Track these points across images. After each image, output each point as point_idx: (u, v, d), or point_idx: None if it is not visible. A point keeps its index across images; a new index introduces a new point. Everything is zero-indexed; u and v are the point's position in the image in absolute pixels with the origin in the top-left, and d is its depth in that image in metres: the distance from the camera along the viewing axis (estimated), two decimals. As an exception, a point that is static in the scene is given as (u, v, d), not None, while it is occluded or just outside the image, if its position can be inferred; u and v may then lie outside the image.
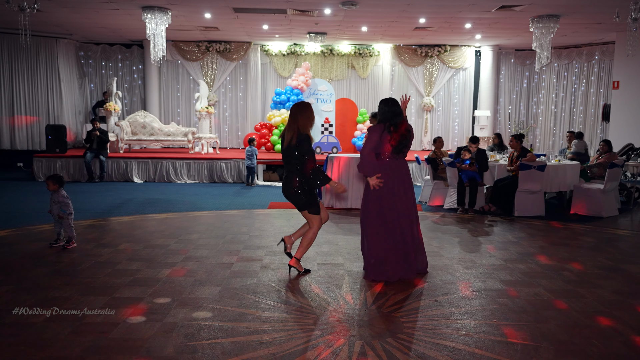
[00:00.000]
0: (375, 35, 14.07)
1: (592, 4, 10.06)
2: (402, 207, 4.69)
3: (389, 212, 4.66)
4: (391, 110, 4.65)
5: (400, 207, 4.69)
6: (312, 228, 4.78)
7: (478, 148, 8.36)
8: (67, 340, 3.34)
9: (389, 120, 4.64)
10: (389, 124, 4.63)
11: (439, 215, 8.12)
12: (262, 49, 15.55)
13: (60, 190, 5.65)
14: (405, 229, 4.70)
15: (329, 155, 8.79)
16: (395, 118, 4.64)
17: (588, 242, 6.43)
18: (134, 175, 11.69)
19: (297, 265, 4.87)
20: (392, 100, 4.72)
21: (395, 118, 4.64)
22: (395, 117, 4.64)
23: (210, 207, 8.53)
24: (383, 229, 4.66)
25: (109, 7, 10.81)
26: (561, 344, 3.40)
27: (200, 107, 13.37)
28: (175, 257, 5.35)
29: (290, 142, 4.59)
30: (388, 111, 4.65)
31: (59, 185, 5.65)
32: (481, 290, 4.48)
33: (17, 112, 13.85)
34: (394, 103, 4.69)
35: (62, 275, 4.68)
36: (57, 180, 5.66)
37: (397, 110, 4.66)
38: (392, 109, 4.65)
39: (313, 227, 4.77)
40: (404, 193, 4.72)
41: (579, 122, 15.35)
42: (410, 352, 3.26)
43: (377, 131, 4.64)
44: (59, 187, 5.65)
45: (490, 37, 14.05)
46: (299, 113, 4.61)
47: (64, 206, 5.60)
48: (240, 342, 3.35)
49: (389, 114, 4.64)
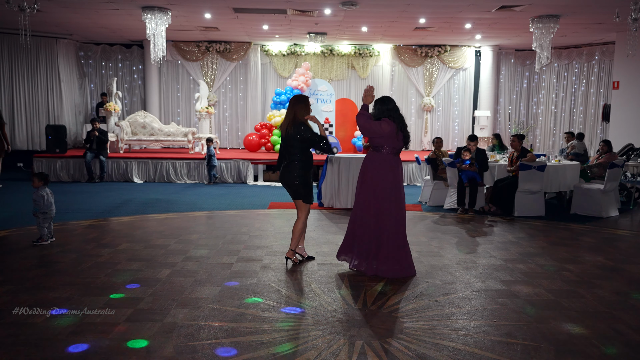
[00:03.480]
0: (375, 36, 14.07)
1: (592, 4, 10.07)
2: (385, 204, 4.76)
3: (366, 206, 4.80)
4: (389, 108, 4.81)
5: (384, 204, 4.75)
6: (300, 218, 5.03)
7: (478, 148, 8.36)
8: (67, 341, 3.34)
9: (387, 115, 4.77)
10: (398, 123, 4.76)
11: (439, 215, 8.12)
12: (262, 49, 15.55)
13: (40, 189, 5.68)
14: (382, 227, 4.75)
15: (329, 155, 8.78)
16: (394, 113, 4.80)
17: (588, 242, 6.43)
18: (134, 176, 11.69)
19: (293, 257, 5.09)
20: (388, 98, 4.91)
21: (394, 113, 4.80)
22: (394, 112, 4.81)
23: (210, 207, 8.53)
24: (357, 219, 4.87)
25: (109, 7, 10.81)
26: (561, 344, 3.40)
27: (200, 107, 13.36)
28: (175, 257, 5.35)
29: (288, 131, 4.87)
30: (385, 109, 4.80)
31: (44, 183, 5.72)
32: (481, 290, 4.48)
33: (17, 112, 13.84)
34: (389, 100, 4.88)
35: (62, 275, 4.68)
36: (42, 177, 5.74)
37: (394, 106, 4.86)
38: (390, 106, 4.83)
39: (302, 217, 5.03)
40: (391, 191, 4.78)
41: (579, 122, 15.35)
42: (410, 352, 3.26)
43: (391, 125, 4.75)
44: (43, 185, 5.71)
45: (490, 37, 14.05)
46: (296, 103, 4.91)
47: (35, 204, 5.66)
48: (240, 342, 3.35)
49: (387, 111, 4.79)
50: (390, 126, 4.75)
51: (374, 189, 4.78)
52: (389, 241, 4.76)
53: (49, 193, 5.76)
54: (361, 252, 4.86)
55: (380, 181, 4.76)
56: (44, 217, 5.69)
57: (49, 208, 5.70)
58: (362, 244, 4.85)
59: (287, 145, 4.91)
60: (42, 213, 5.67)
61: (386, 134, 4.73)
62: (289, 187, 4.97)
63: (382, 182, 4.76)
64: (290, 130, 4.85)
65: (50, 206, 5.72)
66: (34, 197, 5.68)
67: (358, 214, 4.89)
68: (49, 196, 5.73)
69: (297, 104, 4.91)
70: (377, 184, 4.77)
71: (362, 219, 4.84)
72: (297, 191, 4.94)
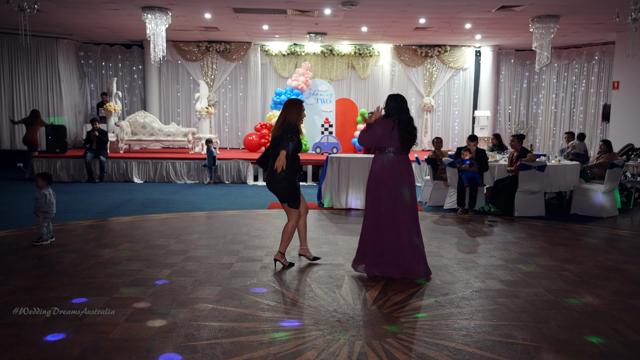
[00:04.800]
0: (375, 36, 14.07)
1: (592, 4, 10.07)
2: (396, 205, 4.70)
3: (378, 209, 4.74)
4: (400, 107, 4.77)
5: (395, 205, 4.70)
6: (290, 221, 4.99)
7: (478, 148, 8.36)
8: (67, 340, 3.34)
9: (397, 115, 4.74)
10: (397, 120, 4.73)
11: (439, 215, 8.12)
12: (262, 49, 15.55)
13: (43, 189, 5.74)
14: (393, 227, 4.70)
15: (329, 155, 8.78)
16: (402, 114, 4.76)
17: (588, 242, 6.43)
18: (134, 176, 11.69)
19: (282, 259, 5.04)
20: (401, 97, 4.85)
21: (402, 114, 4.76)
22: (403, 113, 4.76)
23: (210, 207, 8.53)
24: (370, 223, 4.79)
25: (109, 7, 10.81)
26: (561, 344, 3.40)
27: (200, 107, 13.36)
28: (175, 257, 5.35)
29: (276, 133, 4.84)
30: (396, 107, 4.77)
31: (47, 182, 5.78)
32: (481, 290, 4.48)
33: (17, 112, 13.84)
34: (402, 100, 4.83)
35: (62, 275, 4.68)
36: (45, 177, 5.81)
37: (404, 107, 4.80)
38: (401, 106, 4.78)
39: (291, 220, 4.98)
40: (399, 190, 4.72)
41: (579, 123, 15.35)
42: (410, 352, 3.26)
43: (384, 125, 4.72)
44: (47, 185, 5.77)
45: (490, 37, 14.05)
46: (288, 107, 4.90)
47: (37, 202, 5.71)
48: (240, 342, 3.35)
49: (397, 109, 4.76)
50: (383, 127, 4.70)
51: (377, 190, 4.75)
52: (398, 242, 4.70)
53: (52, 193, 5.80)
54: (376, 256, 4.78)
55: (381, 181, 4.75)
56: (44, 216, 5.72)
57: (49, 208, 5.74)
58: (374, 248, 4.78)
59: (274, 147, 4.83)
60: (43, 212, 5.70)
61: (378, 136, 4.72)
62: (274, 190, 4.89)
63: (382, 182, 4.74)
64: (277, 132, 4.81)
65: (51, 206, 5.76)
66: (36, 195, 5.73)
67: (368, 218, 4.84)
68: (52, 196, 5.78)
69: (289, 107, 4.89)
70: (378, 185, 4.76)
71: (371, 223, 4.79)
72: (282, 195, 4.87)
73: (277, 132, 4.82)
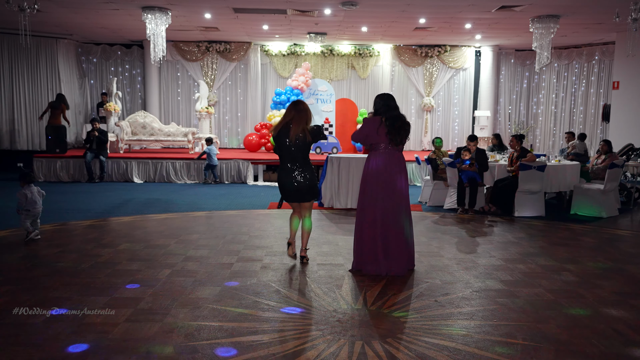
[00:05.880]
0: (375, 36, 14.07)
1: (592, 4, 10.06)
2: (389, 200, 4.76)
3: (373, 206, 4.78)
4: (385, 104, 4.86)
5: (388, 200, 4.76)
6: (309, 217, 5.16)
7: (478, 148, 8.36)
8: (67, 340, 3.34)
9: (383, 113, 4.82)
10: (384, 118, 4.80)
11: (439, 215, 8.12)
12: (262, 49, 15.55)
13: (24, 189, 5.87)
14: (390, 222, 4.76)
15: (329, 155, 8.78)
16: (389, 112, 4.82)
17: (588, 242, 6.43)
18: (134, 176, 11.69)
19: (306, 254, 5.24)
20: (387, 95, 4.96)
21: (389, 112, 4.82)
22: (389, 110, 4.83)
23: (210, 207, 8.53)
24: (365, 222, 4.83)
25: (109, 7, 10.81)
26: (561, 344, 3.40)
27: (200, 107, 13.35)
28: (175, 257, 5.35)
29: (305, 138, 4.91)
30: (382, 104, 4.87)
31: (27, 182, 5.91)
32: (481, 290, 4.48)
33: (17, 112, 13.84)
34: (389, 98, 4.93)
35: (62, 275, 4.68)
36: (25, 178, 5.95)
37: (391, 104, 4.87)
38: (387, 103, 4.87)
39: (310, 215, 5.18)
40: (393, 185, 4.79)
41: (579, 123, 15.35)
42: (410, 352, 3.26)
43: (370, 123, 4.84)
44: (27, 185, 5.89)
45: (490, 37, 14.05)
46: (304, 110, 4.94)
47: (19, 202, 5.88)
48: (240, 342, 3.35)
49: (384, 107, 4.85)
50: (369, 124, 4.84)
51: (371, 188, 4.81)
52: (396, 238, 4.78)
53: (35, 192, 5.93)
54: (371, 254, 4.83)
55: (374, 179, 4.80)
56: (26, 215, 5.89)
57: (32, 206, 5.89)
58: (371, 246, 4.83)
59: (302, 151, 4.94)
60: (25, 210, 5.87)
61: (365, 133, 4.87)
62: (311, 190, 5.02)
63: (375, 179, 4.79)
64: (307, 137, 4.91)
65: (34, 204, 5.90)
66: (17, 195, 5.91)
67: (362, 216, 4.88)
68: (34, 195, 5.91)
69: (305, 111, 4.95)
70: (372, 182, 4.81)
71: (366, 221, 4.84)
72: (315, 192, 5.10)
73: (306, 137, 4.90)
